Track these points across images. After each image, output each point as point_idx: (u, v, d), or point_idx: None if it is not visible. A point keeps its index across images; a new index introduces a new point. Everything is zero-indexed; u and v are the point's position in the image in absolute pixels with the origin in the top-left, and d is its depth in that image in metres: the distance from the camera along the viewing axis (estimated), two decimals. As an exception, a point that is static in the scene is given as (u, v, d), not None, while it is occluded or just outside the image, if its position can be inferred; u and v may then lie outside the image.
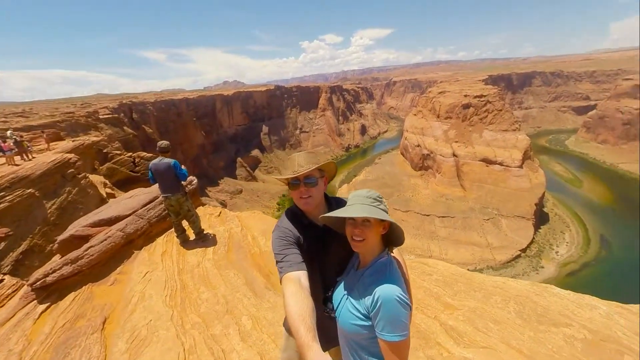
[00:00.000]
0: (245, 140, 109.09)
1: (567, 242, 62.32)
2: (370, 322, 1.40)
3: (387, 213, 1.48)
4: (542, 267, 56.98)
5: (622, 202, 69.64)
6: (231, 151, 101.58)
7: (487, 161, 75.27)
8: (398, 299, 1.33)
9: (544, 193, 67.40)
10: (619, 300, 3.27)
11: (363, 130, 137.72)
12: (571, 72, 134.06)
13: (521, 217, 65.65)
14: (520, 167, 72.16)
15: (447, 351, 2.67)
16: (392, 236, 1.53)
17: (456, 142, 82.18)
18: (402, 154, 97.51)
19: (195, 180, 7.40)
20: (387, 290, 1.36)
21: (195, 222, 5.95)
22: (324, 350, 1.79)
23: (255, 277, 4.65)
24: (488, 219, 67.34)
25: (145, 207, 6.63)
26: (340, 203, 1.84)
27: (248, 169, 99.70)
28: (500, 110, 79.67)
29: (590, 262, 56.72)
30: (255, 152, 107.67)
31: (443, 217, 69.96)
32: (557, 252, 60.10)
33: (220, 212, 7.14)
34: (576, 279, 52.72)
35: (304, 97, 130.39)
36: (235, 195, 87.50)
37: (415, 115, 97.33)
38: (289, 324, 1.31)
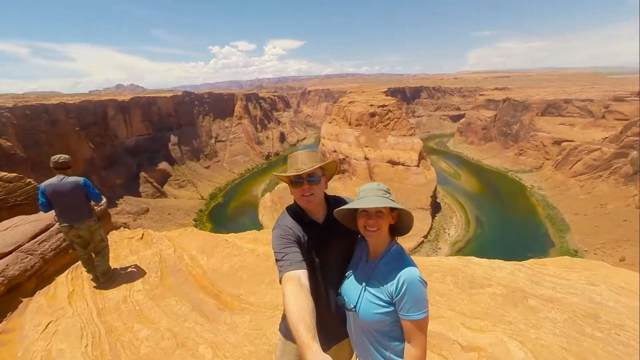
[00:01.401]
0: (149, 152, 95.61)
1: (455, 225, 76.19)
2: (392, 308, 1.50)
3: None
4: (440, 248, 67.91)
5: (487, 189, 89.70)
6: (132, 165, 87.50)
7: (392, 162, 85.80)
8: (420, 279, 1.47)
9: (436, 186, 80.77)
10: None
11: (282, 138, 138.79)
12: (446, 87, 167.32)
13: (421, 208, 76.89)
14: (418, 166, 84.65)
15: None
16: (398, 226, 1.65)
17: (367, 146, 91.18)
18: (321, 159, 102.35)
19: (105, 200, 6.21)
20: (410, 273, 1.48)
21: (104, 257, 4.83)
22: (326, 349, 1.86)
23: (203, 300, 4.22)
24: (398, 213, 76.87)
25: (35, 240, 5.21)
26: (339, 201, 1.90)
27: (155, 184, 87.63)
28: (399, 118, 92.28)
29: (472, 238, 70.76)
30: (163, 165, 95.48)
31: (361, 215, 76.22)
32: (449, 234, 72.82)
33: (142, 234, 6.17)
34: (463, 254, 64.88)
35: (218, 104, 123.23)
36: (140, 216, 75.67)
37: (330, 123, 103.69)
38: (289, 323, 1.28)
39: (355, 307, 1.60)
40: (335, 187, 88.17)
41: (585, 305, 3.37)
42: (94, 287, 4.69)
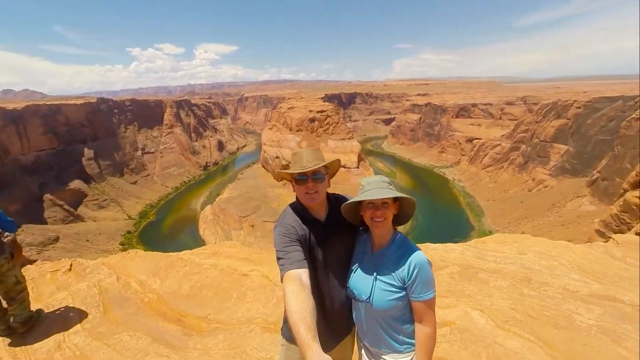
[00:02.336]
0: (55, 170, 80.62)
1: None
2: (404, 292, 1.60)
3: None
4: (383, 243, 72.69)
5: (418, 184, 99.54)
6: (31, 186, 72.54)
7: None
8: (428, 262, 1.60)
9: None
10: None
11: (220, 146, 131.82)
12: (377, 93, 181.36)
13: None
14: (358, 167, 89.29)
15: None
16: (399, 215, 1.74)
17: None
18: (263, 166, 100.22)
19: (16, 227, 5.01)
20: (419, 257, 1.60)
21: (23, 303, 3.82)
22: (333, 345, 1.87)
23: (164, 328, 3.74)
24: (342, 214, 79.71)
25: None
26: (339, 199, 1.93)
27: (66, 207, 74.21)
28: (338, 122, 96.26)
29: (410, 230, 77.26)
30: (76, 184, 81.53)
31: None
32: (390, 229, 78.63)
33: (70, 265, 5.18)
34: (404, 246, 70.68)
35: (143, 112, 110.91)
36: (47, 247, 63.08)
37: (270, 129, 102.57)
38: (289, 323, 1.28)
39: (369, 298, 1.64)
40: (281, 193, 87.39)
41: (520, 271, 4.05)
42: (9, 343, 3.70)
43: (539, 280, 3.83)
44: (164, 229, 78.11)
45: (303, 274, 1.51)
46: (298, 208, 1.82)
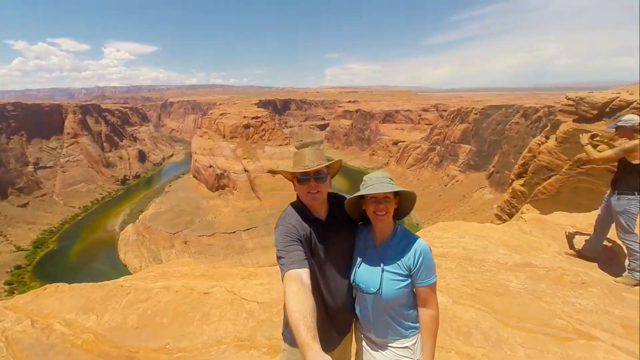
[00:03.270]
0: None
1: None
2: (410, 280, 1.69)
3: None
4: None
5: (354, 186, 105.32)
6: None
7: (273, 172, 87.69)
8: (429, 248, 1.72)
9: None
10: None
11: (142, 156, 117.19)
12: (311, 100, 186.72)
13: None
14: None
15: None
16: (399, 209, 1.82)
17: (245, 158, 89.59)
18: (195, 176, 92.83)
19: None
20: (422, 245, 1.71)
21: None
22: (338, 342, 1.87)
23: (110, 370, 3.14)
24: (284, 220, 79.07)
25: None
26: (339, 198, 1.96)
27: None
28: (274, 129, 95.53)
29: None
30: None
31: (248, 229, 74.06)
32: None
33: (-45, 317, 3.93)
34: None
35: (34, 118, 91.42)
36: None
37: (201, 136, 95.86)
38: (289, 322, 1.29)
39: (379, 289, 1.70)
40: (217, 204, 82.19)
41: (462, 253, 4.68)
42: None
43: (477, 258, 4.50)
44: (71, 258, 65.37)
45: (303, 273, 1.50)
46: (299, 207, 1.82)
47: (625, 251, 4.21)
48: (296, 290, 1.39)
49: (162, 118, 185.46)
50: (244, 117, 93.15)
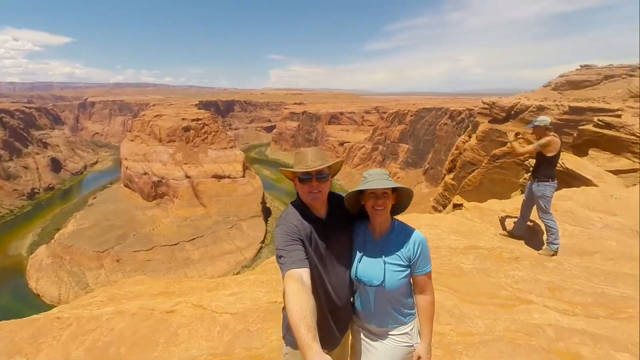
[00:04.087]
0: None
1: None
2: (409, 270, 1.79)
3: None
4: (277, 249, 73.69)
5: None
6: None
7: (218, 176, 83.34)
8: (425, 239, 1.84)
9: (263, 193, 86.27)
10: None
11: (56, 165, 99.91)
12: (256, 101, 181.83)
13: (254, 216, 79.77)
14: (243, 176, 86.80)
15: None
16: (396, 205, 1.90)
17: (186, 163, 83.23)
18: (126, 185, 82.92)
19: None
20: (420, 235, 1.83)
21: None
22: (340, 339, 1.90)
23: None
24: (232, 227, 75.40)
25: None
26: (337, 197, 1.98)
27: None
28: (217, 131, 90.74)
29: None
30: None
31: (192, 239, 69.09)
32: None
33: None
34: (298, 247, 73.95)
35: None
36: None
37: (132, 140, 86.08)
38: (290, 322, 1.29)
39: (382, 281, 1.77)
40: (155, 215, 74.63)
41: (430, 240, 5.12)
42: None
43: (434, 245, 4.97)
44: (-41, 293, 52.55)
45: (304, 273, 1.50)
46: (300, 206, 1.82)
47: (544, 228, 5.11)
48: (296, 289, 1.39)
49: (81, 120, 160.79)
50: (183, 119, 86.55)
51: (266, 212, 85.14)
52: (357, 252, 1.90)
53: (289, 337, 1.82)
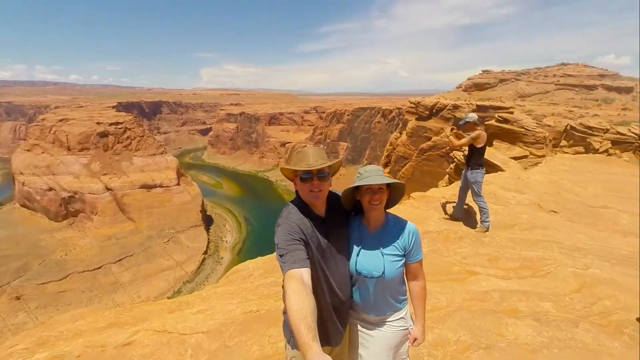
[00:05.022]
0: None
1: (229, 231, 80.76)
2: (404, 259, 1.90)
3: None
4: (222, 257, 69.67)
5: (247, 191, 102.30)
6: None
7: (147, 186, 74.93)
8: (417, 229, 1.96)
9: (202, 200, 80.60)
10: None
11: None
12: (187, 102, 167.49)
13: (194, 226, 74.12)
14: (178, 184, 79.76)
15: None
16: (389, 200, 1.96)
17: (105, 174, 72.65)
18: (24, 205, 68.48)
19: None
20: (413, 226, 1.94)
21: None
22: (341, 338, 1.93)
23: None
24: (168, 240, 68.78)
25: None
26: (334, 195, 1.98)
27: None
28: (142, 136, 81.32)
29: (247, 237, 78.46)
30: None
31: (120, 260, 60.98)
32: (226, 241, 76.08)
33: None
34: (245, 252, 71.08)
35: None
36: None
37: (29, 150, 71.39)
38: (290, 322, 1.32)
39: (382, 272, 1.85)
40: (67, 237, 63.30)
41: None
42: None
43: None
44: None
45: (304, 273, 1.51)
46: (301, 205, 1.80)
47: (477, 209, 5.96)
48: (297, 289, 1.39)
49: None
50: (98, 124, 75.21)
51: (207, 221, 79.89)
52: (355, 246, 1.96)
53: (294, 342, 1.78)
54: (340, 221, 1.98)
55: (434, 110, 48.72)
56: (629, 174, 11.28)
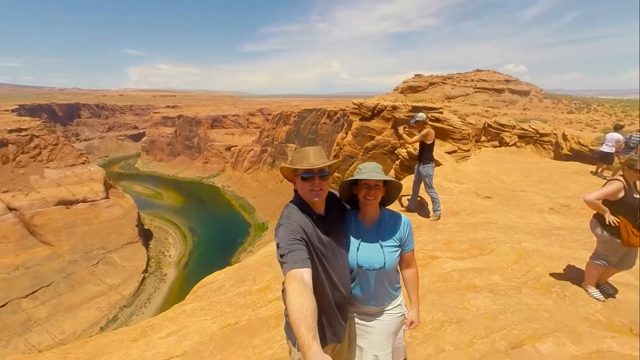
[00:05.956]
0: None
1: (173, 244, 74.33)
2: (400, 249, 2.00)
3: None
4: (166, 274, 63.86)
5: (190, 199, 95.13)
6: None
7: (67, 202, 64.69)
8: (409, 219, 2.05)
9: (138, 214, 72.59)
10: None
11: None
12: (114, 105, 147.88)
13: (129, 243, 66.47)
14: (107, 198, 70.69)
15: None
16: (385, 198, 2.04)
17: (6, 191, 60.47)
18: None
19: None
20: (406, 218, 2.05)
21: None
22: (343, 336, 1.96)
23: None
24: (97, 262, 60.45)
25: None
26: (331, 194, 2.01)
27: None
28: (57, 144, 69.83)
29: (193, 249, 73.12)
30: None
31: (33, 292, 51.48)
32: (170, 256, 69.88)
33: None
34: (192, 265, 66.14)
35: None
36: None
37: None
38: (290, 321, 1.35)
39: (384, 264, 1.92)
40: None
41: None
42: None
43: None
44: None
45: (305, 273, 1.52)
46: (302, 205, 1.81)
47: (429, 200, 6.56)
48: (297, 289, 1.39)
49: None
50: (-7, 131, 62.38)
51: (146, 236, 72.31)
52: (353, 241, 2.01)
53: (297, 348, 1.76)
54: (339, 218, 2.02)
55: (376, 111, 51.86)
56: (534, 162, 13.62)
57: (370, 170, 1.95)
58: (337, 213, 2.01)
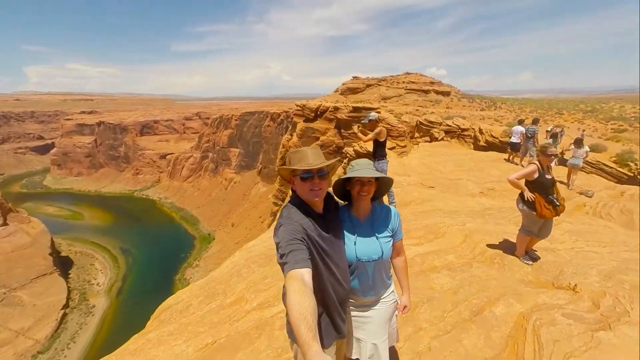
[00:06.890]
0: None
1: (101, 270, 65.03)
2: (392, 239, 2.10)
3: None
4: (94, 306, 55.82)
5: (120, 216, 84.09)
6: None
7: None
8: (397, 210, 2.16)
9: (51, 239, 61.76)
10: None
11: None
12: (8, 112, 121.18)
13: (42, 275, 56.36)
14: (5, 224, 58.75)
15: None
16: (376, 192, 2.09)
17: None
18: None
19: None
20: (395, 209, 2.17)
21: None
22: (344, 333, 2.00)
23: None
24: (-2, 305, 49.81)
25: None
26: (330, 193, 2.02)
27: None
28: None
29: (127, 272, 65.02)
30: None
31: None
32: (98, 284, 61.05)
33: None
34: (126, 290, 58.73)
35: None
36: None
37: None
38: (290, 321, 1.36)
39: (381, 255, 2.01)
40: None
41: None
42: None
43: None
44: None
45: (306, 273, 1.52)
46: (301, 205, 1.81)
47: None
48: (298, 289, 1.40)
49: None
50: None
51: (64, 265, 61.85)
52: (350, 236, 2.07)
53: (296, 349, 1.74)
54: (336, 215, 2.06)
55: (319, 112, 53.07)
56: (462, 153, 15.58)
57: (363, 167, 2.04)
58: (333, 211, 2.05)
